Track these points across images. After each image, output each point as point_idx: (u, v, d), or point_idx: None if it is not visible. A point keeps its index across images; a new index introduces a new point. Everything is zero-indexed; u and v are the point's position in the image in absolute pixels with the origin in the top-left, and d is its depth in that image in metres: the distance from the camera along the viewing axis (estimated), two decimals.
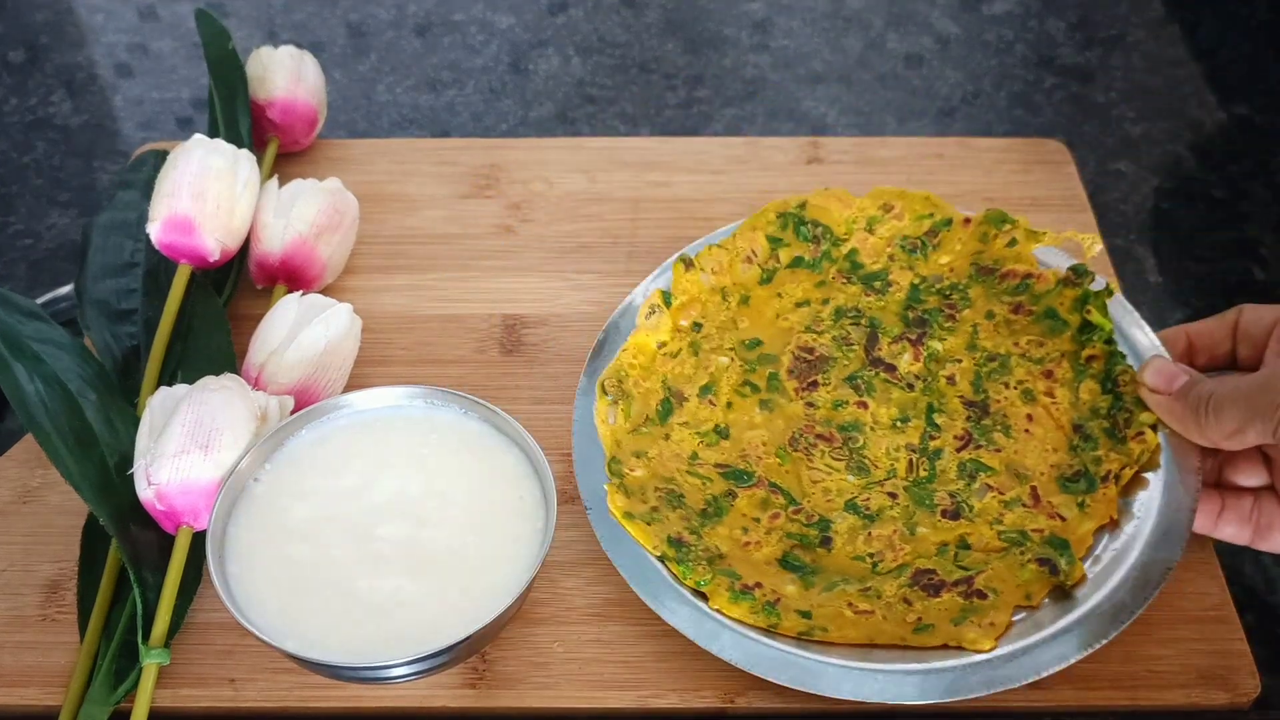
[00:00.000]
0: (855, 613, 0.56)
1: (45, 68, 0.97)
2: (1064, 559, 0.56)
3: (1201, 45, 0.96)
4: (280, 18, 1.01)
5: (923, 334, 0.65)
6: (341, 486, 0.58)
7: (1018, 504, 0.60)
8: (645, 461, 0.62)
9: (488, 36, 0.99)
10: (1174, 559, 0.56)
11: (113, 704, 0.56)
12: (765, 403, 0.64)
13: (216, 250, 0.70)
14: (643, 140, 0.85)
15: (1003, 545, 0.58)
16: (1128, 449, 0.59)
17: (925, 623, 0.55)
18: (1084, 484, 0.59)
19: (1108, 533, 0.58)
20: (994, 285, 0.66)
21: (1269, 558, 0.64)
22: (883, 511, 0.60)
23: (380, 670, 0.52)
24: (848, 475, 0.61)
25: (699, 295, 0.67)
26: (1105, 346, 0.63)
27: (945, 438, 0.62)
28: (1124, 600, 0.55)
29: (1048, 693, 0.57)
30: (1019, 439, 0.62)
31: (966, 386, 0.64)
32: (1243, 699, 0.57)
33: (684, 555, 0.58)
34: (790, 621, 0.56)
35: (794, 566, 0.58)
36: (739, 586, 0.57)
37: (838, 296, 0.68)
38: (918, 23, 0.99)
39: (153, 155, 0.80)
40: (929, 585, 0.57)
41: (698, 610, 0.56)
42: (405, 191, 0.81)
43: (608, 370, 0.64)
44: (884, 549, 0.59)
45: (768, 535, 0.59)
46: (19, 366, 0.63)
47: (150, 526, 0.59)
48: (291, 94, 0.80)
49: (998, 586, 0.56)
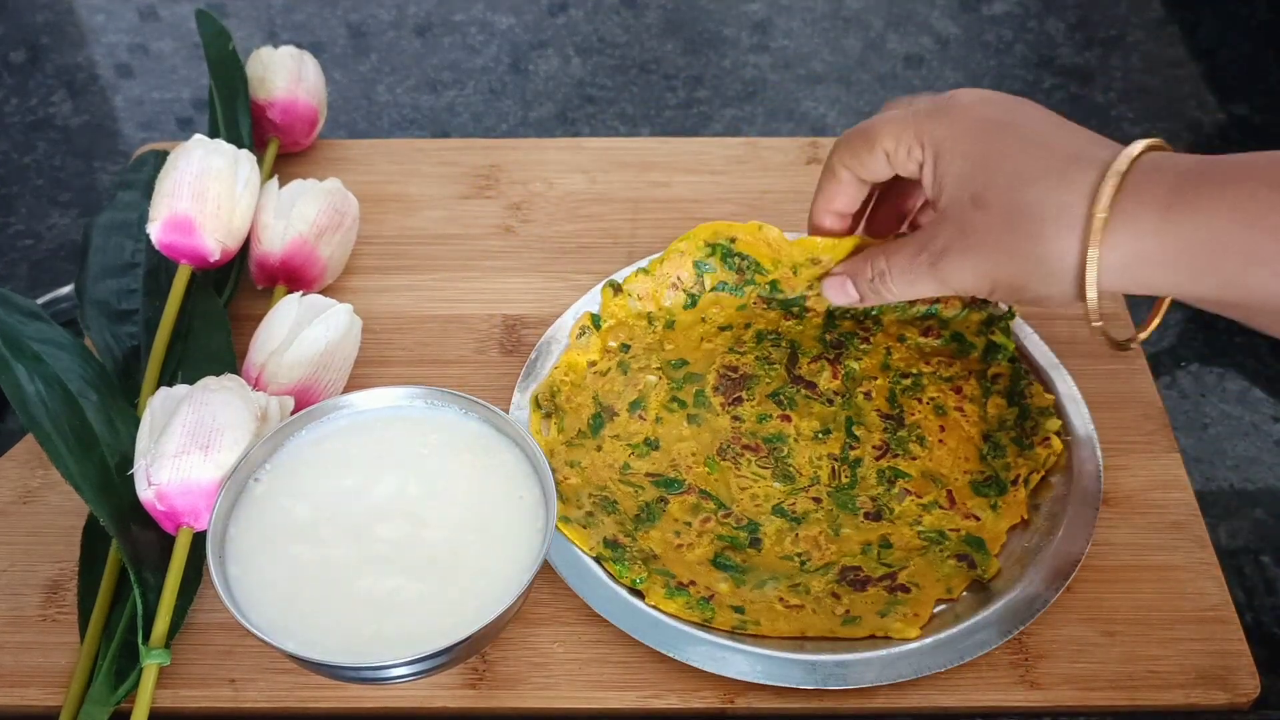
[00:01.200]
0: (786, 607, 0.59)
1: (46, 68, 0.97)
2: (980, 555, 0.60)
3: (1201, 45, 0.96)
4: (280, 18, 1.01)
5: (840, 354, 0.69)
6: (341, 486, 0.58)
7: (935, 506, 0.63)
8: (579, 470, 0.64)
9: (488, 37, 0.99)
10: (1081, 552, 0.59)
11: (113, 704, 0.56)
12: (693, 417, 0.67)
13: (217, 250, 0.70)
14: (643, 140, 0.85)
15: (923, 544, 0.61)
16: (1034, 454, 0.63)
17: (853, 615, 0.58)
18: (995, 488, 0.63)
19: (1020, 531, 0.61)
20: (905, 310, 0.70)
21: (1269, 558, 0.64)
22: (808, 514, 0.63)
23: (380, 670, 0.52)
24: (774, 482, 0.64)
25: (626, 319, 0.70)
26: (1009, 365, 0.67)
27: (864, 448, 0.65)
28: (1038, 591, 0.58)
29: (1047, 693, 0.57)
30: (933, 448, 0.65)
31: (883, 402, 0.67)
32: (1242, 699, 0.57)
33: (619, 555, 0.60)
34: (724, 616, 0.58)
35: (725, 566, 0.61)
36: (674, 584, 0.59)
37: (759, 321, 0.70)
38: (917, 23, 0.99)
39: (153, 155, 0.80)
40: (855, 581, 0.60)
41: (632, 606, 0.59)
42: (405, 192, 0.81)
43: (540, 386, 0.67)
44: (810, 549, 0.62)
45: (699, 538, 0.62)
46: (20, 367, 0.63)
47: (150, 527, 0.59)
48: (292, 94, 0.80)
49: (919, 581, 0.59)
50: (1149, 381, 0.69)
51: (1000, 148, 0.56)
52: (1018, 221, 0.54)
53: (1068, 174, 0.53)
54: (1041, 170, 0.54)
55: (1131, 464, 0.65)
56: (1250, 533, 0.66)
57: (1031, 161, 0.55)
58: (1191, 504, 0.64)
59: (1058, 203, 0.53)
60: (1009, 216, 0.55)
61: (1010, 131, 0.56)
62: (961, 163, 0.57)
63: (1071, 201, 0.53)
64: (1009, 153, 0.55)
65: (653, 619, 0.58)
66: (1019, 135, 0.56)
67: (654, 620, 0.58)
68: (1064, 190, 0.53)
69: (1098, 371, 0.69)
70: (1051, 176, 0.54)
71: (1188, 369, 0.73)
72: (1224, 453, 0.69)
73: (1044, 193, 0.54)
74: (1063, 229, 0.53)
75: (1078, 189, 0.53)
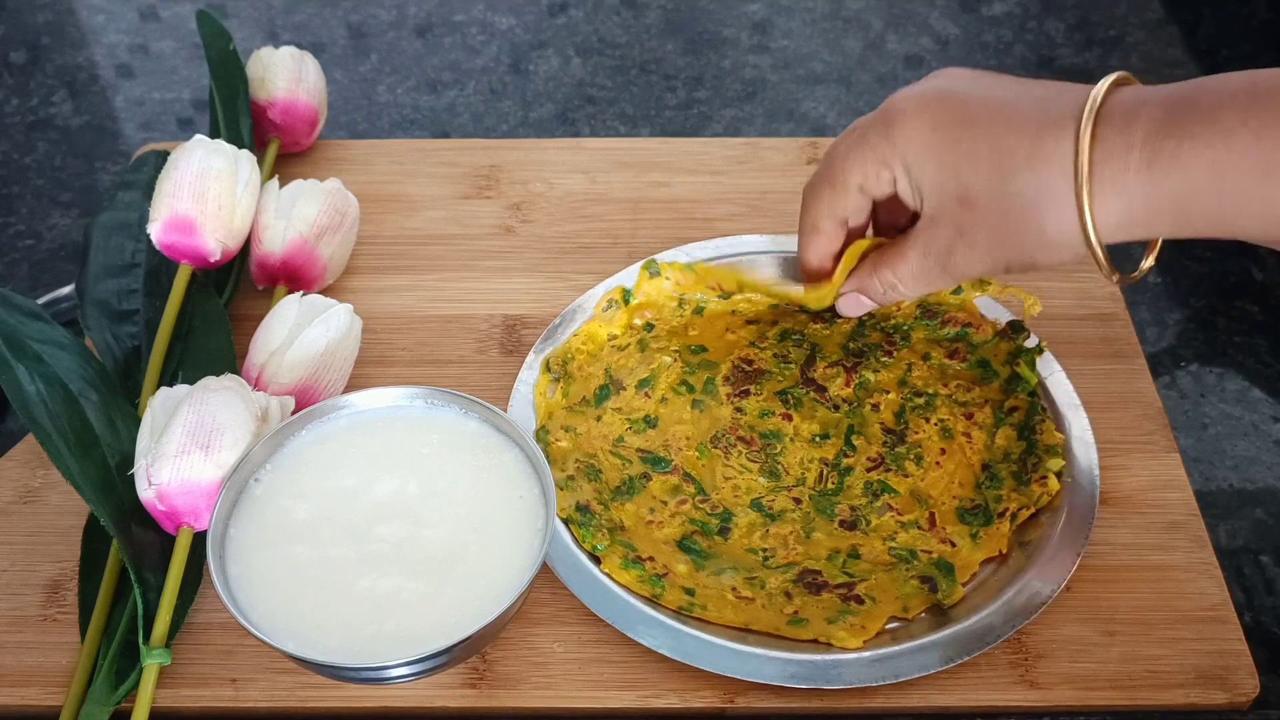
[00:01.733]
0: (737, 598, 0.59)
1: (46, 68, 0.97)
2: (946, 581, 0.59)
3: (1201, 45, 0.96)
4: (281, 18, 1.01)
5: (858, 363, 0.68)
6: (341, 486, 0.58)
7: (914, 526, 0.62)
8: (572, 436, 0.65)
9: (488, 37, 0.99)
10: (1051, 593, 0.58)
11: (113, 704, 0.56)
12: (697, 403, 0.67)
13: (217, 251, 0.70)
14: (643, 141, 0.85)
15: (891, 560, 0.61)
16: (1029, 491, 0.62)
17: (801, 617, 0.58)
18: (981, 518, 0.62)
19: (996, 564, 0.60)
20: (935, 329, 0.69)
21: (1268, 558, 0.64)
22: (785, 513, 0.63)
23: (380, 670, 0.52)
24: (759, 477, 0.64)
25: (658, 299, 0.71)
26: (1028, 399, 0.66)
27: (859, 458, 0.65)
28: (994, 624, 0.57)
29: (1047, 692, 0.57)
30: (929, 470, 0.64)
31: (889, 416, 0.67)
32: (1242, 699, 0.57)
33: (587, 521, 0.61)
34: (673, 595, 0.59)
35: (690, 549, 0.61)
36: (632, 557, 0.60)
37: (787, 320, 0.70)
38: (917, 24, 0.99)
39: (154, 156, 0.80)
40: (811, 584, 0.60)
41: (590, 574, 0.60)
42: (405, 192, 0.81)
43: (555, 350, 0.68)
44: (778, 546, 0.62)
45: (671, 518, 0.63)
46: (20, 367, 0.63)
47: (151, 527, 0.59)
48: (292, 94, 0.80)
49: (877, 595, 0.59)
50: (1148, 381, 0.69)
51: (968, 146, 0.55)
52: (1010, 213, 0.54)
53: (1042, 149, 0.53)
54: (1017, 155, 0.53)
55: (1131, 464, 0.65)
56: (1250, 533, 0.66)
57: (1003, 149, 0.54)
58: (1191, 504, 0.64)
59: (1042, 184, 0.53)
60: (1000, 211, 0.54)
61: (970, 125, 0.55)
62: (935, 169, 0.56)
63: (1053, 177, 0.52)
64: (978, 148, 0.55)
65: (610, 592, 0.59)
66: (980, 125, 0.55)
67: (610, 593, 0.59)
68: (1044, 168, 0.53)
69: (1097, 372, 0.69)
70: (1028, 159, 0.53)
71: (1187, 369, 0.73)
72: (1223, 453, 0.69)
73: (1026, 179, 0.53)
74: (1055, 207, 0.53)
75: (1056, 163, 0.52)
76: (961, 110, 0.56)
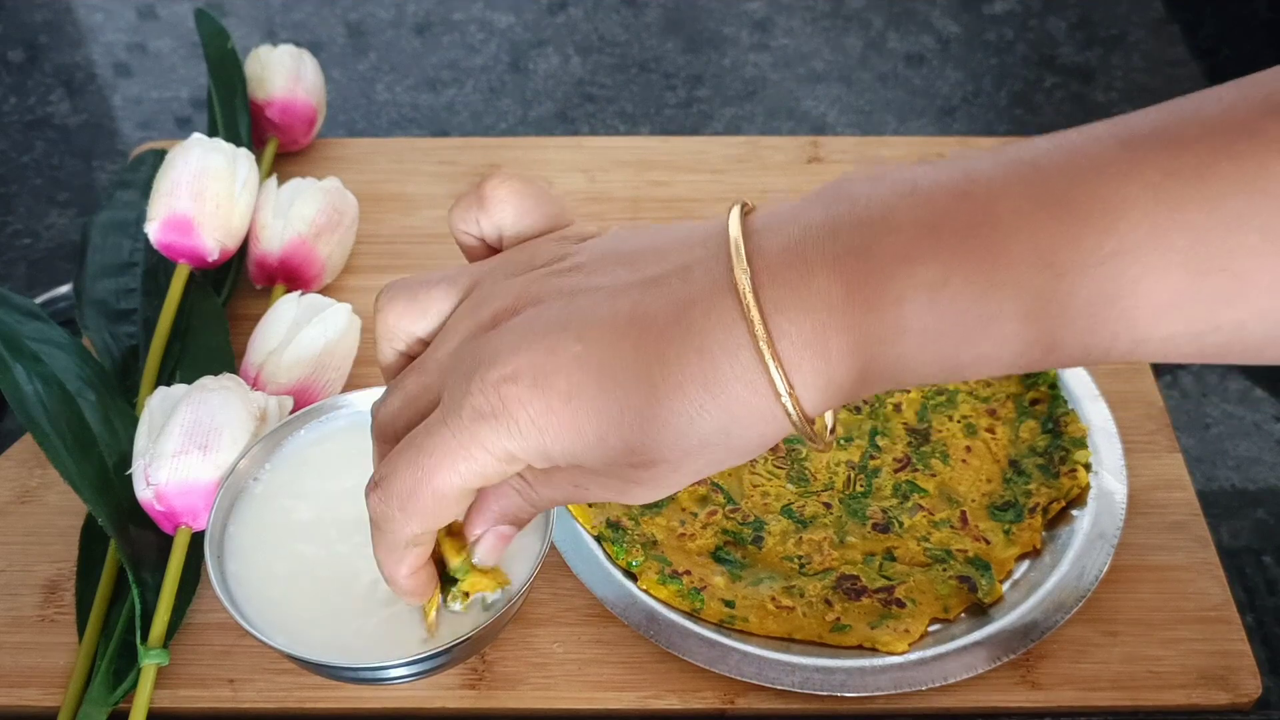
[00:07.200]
0: (777, 607, 0.59)
1: (44, 67, 0.97)
2: (984, 579, 0.59)
3: (1201, 45, 0.96)
4: (279, 17, 1.01)
5: None
6: (341, 486, 0.57)
7: (946, 525, 0.62)
8: None
9: (487, 35, 0.99)
10: (1090, 588, 0.58)
11: (111, 704, 0.56)
12: None
13: (215, 250, 0.70)
14: (642, 140, 0.85)
15: (927, 560, 0.61)
16: (1059, 484, 0.62)
17: (843, 623, 0.58)
18: (1012, 514, 0.62)
19: (1030, 560, 0.61)
20: None
21: (1270, 558, 0.64)
22: (816, 519, 0.63)
23: (380, 671, 0.52)
24: (787, 483, 0.64)
25: None
26: (1050, 391, 0.66)
27: (885, 459, 0.65)
28: (1036, 620, 0.57)
29: (1048, 693, 0.57)
30: (955, 467, 0.64)
31: (912, 415, 0.66)
32: (1244, 700, 0.57)
33: (619, 537, 0.61)
34: (713, 608, 0.59)
35: (725, 560, 0.61)
36: (669, 571, 0.60)
37: None
38: (918, 22, 0.99)
39: (152, 155, 0.80)
40: (851, 590, 0.59)
41: (623, 587, 0.59)
42: (404, 191, 0.81)
43: None
44: (813, 553, 0.61)
45: (703, 529, 0.62)
46: (18, 366, 0.63)
47: (149, 527, 0.59)
48: (290, 93, 0.80)
49: (917, 597, 0.59)
50: (1150, 381, 0.69)
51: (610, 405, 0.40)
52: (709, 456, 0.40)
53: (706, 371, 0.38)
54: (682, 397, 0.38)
55: (1133, 464, 0.65)
56: (1252, 533, 0.65)
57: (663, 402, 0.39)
58: (1193, 504, 0.64)
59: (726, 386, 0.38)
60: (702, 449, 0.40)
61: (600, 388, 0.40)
62: (592, 442, 0.40)
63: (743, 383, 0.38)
64: (628, 402, 0.39)
65: (648, 608, 0.58)
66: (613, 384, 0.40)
67: (649, 609, 0.58)
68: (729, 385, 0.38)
69: (1097, 371, 0.68)
70: (699, 389, 0.38)
71: (1189, 369, 0.73)
72: (1225, 453, 0.69)
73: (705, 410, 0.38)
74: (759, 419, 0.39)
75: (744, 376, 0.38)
76: (578, 382, 0.40)
